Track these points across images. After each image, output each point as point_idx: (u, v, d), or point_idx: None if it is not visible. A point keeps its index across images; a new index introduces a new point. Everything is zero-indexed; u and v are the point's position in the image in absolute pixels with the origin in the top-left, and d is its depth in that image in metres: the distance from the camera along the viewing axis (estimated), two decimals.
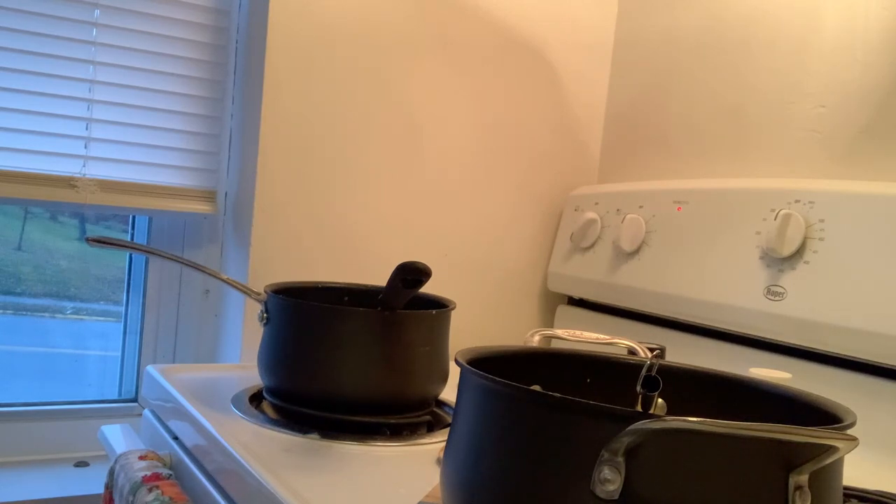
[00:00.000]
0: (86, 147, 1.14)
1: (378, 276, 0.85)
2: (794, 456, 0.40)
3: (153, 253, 1.01)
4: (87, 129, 1.14)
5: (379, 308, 0.84)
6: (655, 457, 0.40)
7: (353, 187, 1.23)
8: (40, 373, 1.25)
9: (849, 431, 0.41)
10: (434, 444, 0.81)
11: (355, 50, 1.21)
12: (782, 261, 0.96)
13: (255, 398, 0.92)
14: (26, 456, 1.19)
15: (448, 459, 0.50)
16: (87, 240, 0.87)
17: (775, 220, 0.96)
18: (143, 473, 0.82)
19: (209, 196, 1.24)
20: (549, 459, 0.42)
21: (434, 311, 0.88)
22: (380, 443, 0.81)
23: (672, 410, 0.60)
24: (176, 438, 0.90)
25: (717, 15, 1.23)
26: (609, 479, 0.39)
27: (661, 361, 0.59)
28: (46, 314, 1.28)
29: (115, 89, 1.16)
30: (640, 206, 1.20)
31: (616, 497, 0.40)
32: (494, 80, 1.34)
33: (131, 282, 1.29)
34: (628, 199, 1.23)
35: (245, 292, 0.93)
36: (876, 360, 0.89)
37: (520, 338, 0.99)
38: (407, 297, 0.84)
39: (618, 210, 1.24)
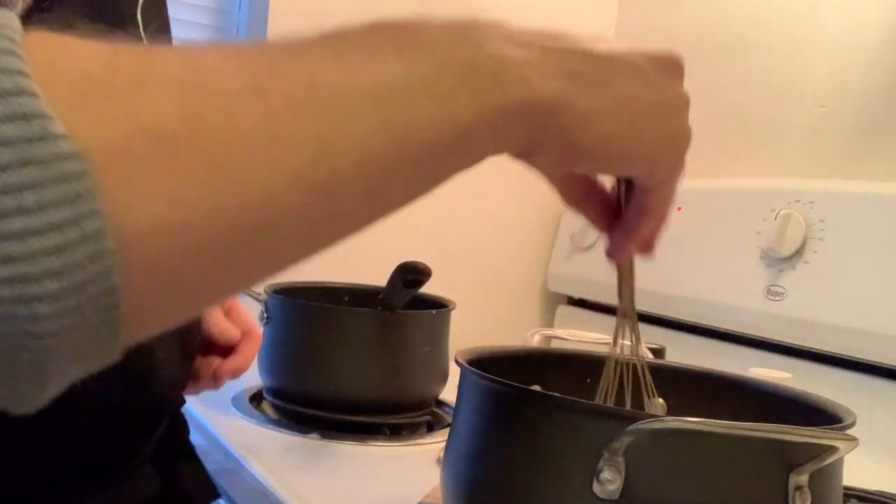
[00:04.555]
0: None
1: (378, 276, 0.85)
2: (794, 456, 0.40)
3: None
4: None
5: (379, 308, 0.84)
6: (655, 457, 0.40)
7: None
8: None
9: (849, 431, 0.41)
10: (434, 444, 0.81)
11: None
12: (782, 261, 0.96)
13: (255, 398, 0.92)
14: None
15: (448, 459, 0.50)
16: None
17: (775, 220, 0.96)
18: None
19: None
20: (549, 459, 0.42)
21: (434, 311, 0.88)
22: (379, 443, 0.81)
23: (672, 410, 0.60)
24: None
25: (717, 15, 1.23)
26: (609, 479, 0.39)
27: (661, 361, 0.59)
28: None
29: None
30: None
31: (616, 497, 0.39)
32: None
33: None
34: None
35: (245, 292, 0.93)
36: (876, 360, 0.88)
37: (520, 338, 0.99)
38: (407, 297, 0.84)
39: None
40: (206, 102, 0.23)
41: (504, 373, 0.47)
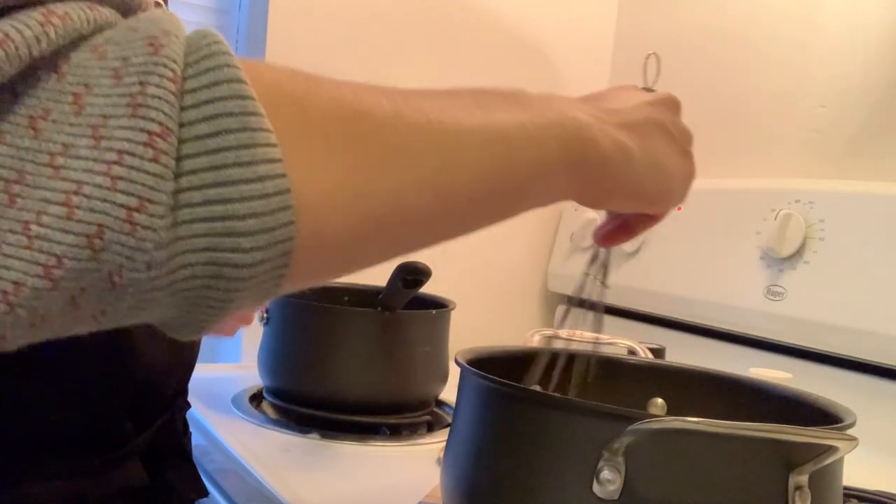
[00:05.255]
0: None
1: (378, 276, 0.85)
2: (794, 456, 0.40)
3: None
4: None
5: (379, 308, 0.84)
6: (655, 457, 0.40)
7: None
8: None
9: (849, 431, 0.41)
10: (434, 444, 0.81)
11: (355, 50, 1.21)
12: (782, 261, 0.96)
13: (255, 398, 0.92)
14: None
15: (448, 459, 0.50)
16: None
17: (775, 220, 0.96)
18: None
19: None
20: (549, 459, 0.42)
21: (434, 311, 0.88)
22: (379, 443, 0.81)
23: (672, 410, 0.60)
24: None
25: (717, 15, 1.23)
26: (609, 479, 0.39)
27: (661, 362, 0.59)
28: None
29: None
30: None
31: (616, 497, 0.40)
32: (495, 80, 1.33)
33: None
34: None
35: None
36: (876, 360, 0.88)
37: (520, 338, 0.99)
38: (407, 298, 0.84)
39: None
40: (360, 119, 0.30)
41: (504, 373, 0.47)
